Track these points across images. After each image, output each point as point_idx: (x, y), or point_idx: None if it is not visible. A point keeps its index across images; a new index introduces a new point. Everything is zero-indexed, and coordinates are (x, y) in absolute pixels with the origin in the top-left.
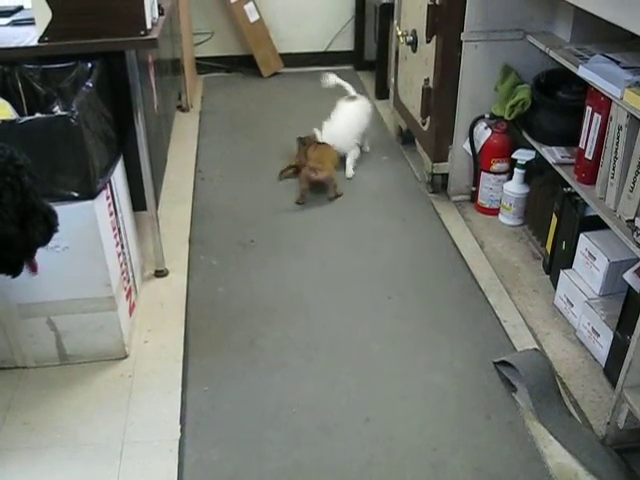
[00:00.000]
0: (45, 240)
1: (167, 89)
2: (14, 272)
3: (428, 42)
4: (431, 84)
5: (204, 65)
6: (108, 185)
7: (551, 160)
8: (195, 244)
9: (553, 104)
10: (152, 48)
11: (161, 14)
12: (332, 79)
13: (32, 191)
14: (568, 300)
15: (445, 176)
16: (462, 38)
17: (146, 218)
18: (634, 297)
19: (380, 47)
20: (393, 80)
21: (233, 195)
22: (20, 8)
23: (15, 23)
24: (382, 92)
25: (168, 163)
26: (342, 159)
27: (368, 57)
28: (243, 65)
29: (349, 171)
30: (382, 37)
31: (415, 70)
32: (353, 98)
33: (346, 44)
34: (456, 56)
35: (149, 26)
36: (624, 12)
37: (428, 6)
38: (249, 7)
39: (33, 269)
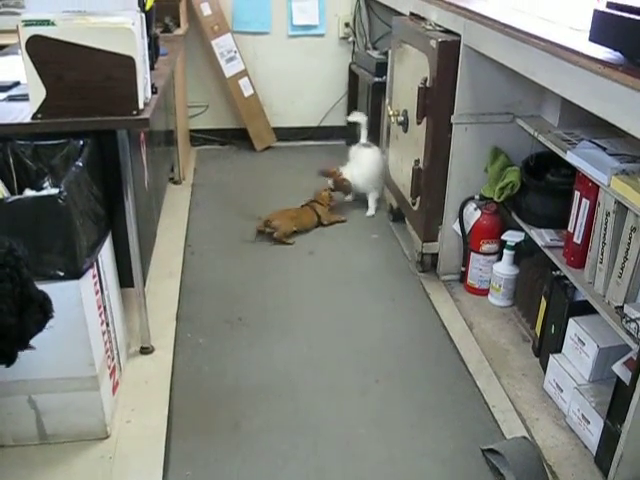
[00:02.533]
0: (39, 329)
1: (159, 162)
2: (8, 361)
3: (419, 124)
4: (421, 165)
5: (198, 137)
6: (95, 263)
7: (540, 243)
8: (182, 321)
9: (542, 187)
10: (144, 128)
11: (154, 92)
12: (357, 116)
13: (30, 282)
14: (557, 385)
15: (435, 256)
16: (452, 120)
17: (133, 294)
18: (623, 388)
19: (372, 124)
20: (384, 158)
21: (222, 270)
22: (17, 83)
23: (11, 98)
24: None
25: (158, 236)
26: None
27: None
28: (236, 138)
29: (371, 210)
30: (374, 114)
31: (406, 150)
32: (367, 145)
33: (339, 120)
34: (446, 138)
35: (141, 106)
36: (611, 106)
37: (419, 88)
38: (244, 82)
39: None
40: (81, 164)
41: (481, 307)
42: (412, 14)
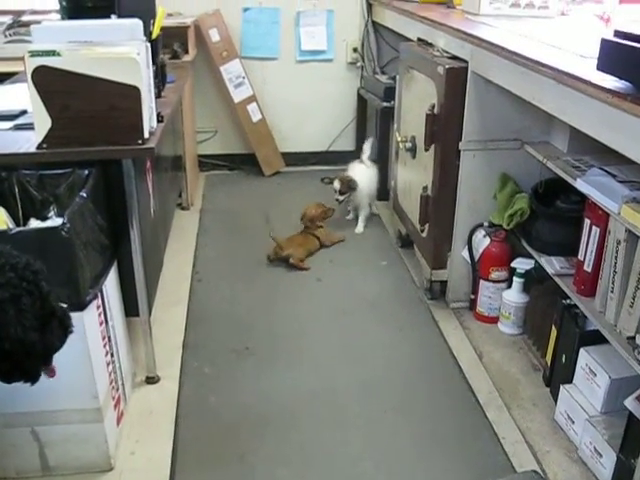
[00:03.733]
0: (62, 343)
1: (167, 188)
2: (32, 379)
3: (427, 150)
4: (430, 192)
5: (206, 163)
6: (99, 294)
7: (550, 271)
8: (189, 349)
9: (551, 214)
10: (149, 157)
11: (160, 121)
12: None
13: (50, 295)
14: (569, 416)
15: (444, 283)
16: (460, 147)
17: (139, 323)
18: (636, 423)
19: (380, 149)
20: (393, 183)
21: (230, 297)
22: (24, 112)
23: (17, 127)
24: (382, 193)
25: (165, 263)
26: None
27: (369, 157)
28: (245, 163)
29: (359, 228)
30: (382, 139)
31: (414, 176)
32: (364, 162)
33: (347, 144)
34: (454, 164)
35: (146, 135)
36: (620, 135)
37: (426, 115)
38: (252, 107)
39: (51, 373)
40: (85, 194)
41: (491, 335)
42: (420, 40)
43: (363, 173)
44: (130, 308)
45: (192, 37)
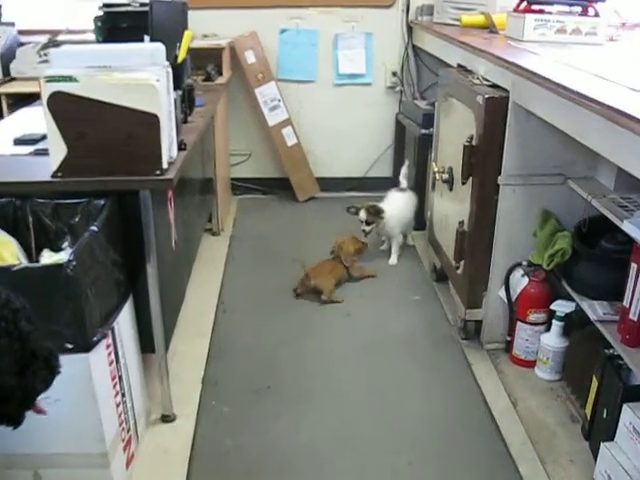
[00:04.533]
0: (47, 386)
1: (193, 215)
2: (15, 423)
3: (464, 184)
4: (466, 227)
5: (239, 186)
6: (110, 332)
7: (592, 317)
8: (208, 386)
9: (595, 255)
10: (167, 189)
11: (183, 149)
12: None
13: (31, 335)
14: (610, 478)
15: (479, 322)
16: (499, 181)
17: (155, 358)
18: None
19: (418, 177)
20: (429, 214)
21: (255, 331)
22: (45, 136)
23: (37, 152)
24: (419, 223)
25: (190, 292)
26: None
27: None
28: (279, 188)
29: (393, 259)
30: (420, 167)
31: (450, 209)
32: (403, 190)
33: (384, 171)
34: (493, 199)
35: (165, 165)
36: None
37: (464, 146)
38: (287, 131)
39: (39, 412)
40: (96, 228)
41: (527, 381)
42: (460, 66)
43: (396, 201)
44: (146, 344)
45: (227, 59)
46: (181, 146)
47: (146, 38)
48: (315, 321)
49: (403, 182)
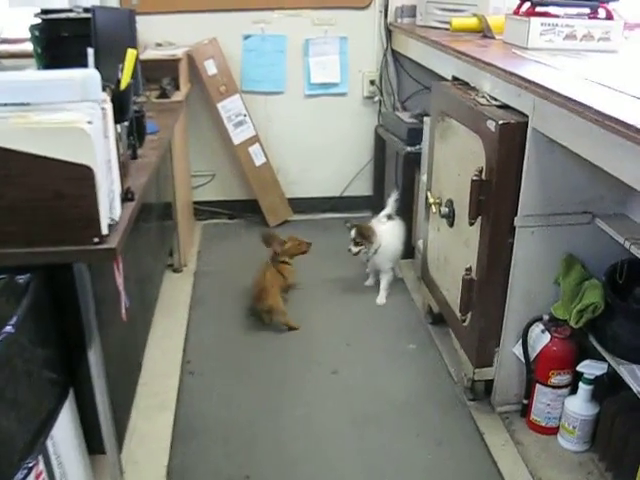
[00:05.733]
0: None
1: (150, 254)
2: None
3: (472, 224)
4: (474, 275)
5: (203, 210)
6: (42, 456)
7: (635, 387)
8: (174, 478)
9: (634, 310)
10: (108, 261)
11: (129, 199)
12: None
13: None
14: None
15: (489, 381)
16: (516, 223)
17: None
18: None
19: (403, 199)
20: (421, 244)
21: (227, 398)
22: None
23: None
24: (406, 250)
25: (151, 348)
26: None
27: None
28: (247, 211)
29: (381, 298)
30: (406, 189)
31: (452, 248)
32: (390, 217)
33: (364, 188)
34: (507, 243)
35: (105, 231)
36: None
37: (473, 182)
38: (254, 149)
39: None
40: (12, 328)
41: (550, 453)
42: (455, 78)
43: (389, 230)
44: (94, 445)
45: (184, 71)
46: (128, 196)
47: (89, 51)
48: (296, 381)
49: (389, 211)
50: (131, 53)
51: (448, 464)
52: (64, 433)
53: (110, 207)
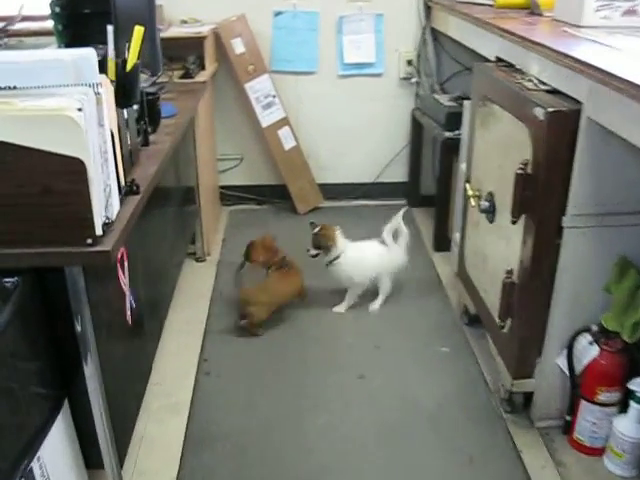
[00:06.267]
0: None
1: (166, 244)
2: None
3: (514, 223)
4: (516, 278)
5: (230, 195)
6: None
7: None
8: None
9: None
10: (102, 263)
11: (134, 192)
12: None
13: None
14: None
15: (528, 393)
16: (564, 223)
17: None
18: None
19: (441, 185)
20: (457, 237)
21: (245, 403)
22: None
23: None
24: (442, 242)
25: (168, 342)
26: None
27: (425, 191)
28: (276, 196)
29: (375, 305)
30: (444, 173)
31: (491, 245)
32: (383, 243)
33: (399, 175)
34: (554, 244)
35: (99, 231)
36: None
37: (517, 175)
38: (284, 132)
39: None
40: None
41: (595, 477)
42: (499, 59)
43: (366, 249)
44: (92, 460)
45: (210, 49)
46: (132, 188)
47: (108, 28)
48: (321, 386)
49: (387, 238)
50: (138, 30)
51: None
52: (56, 450)
53: (106, 204)
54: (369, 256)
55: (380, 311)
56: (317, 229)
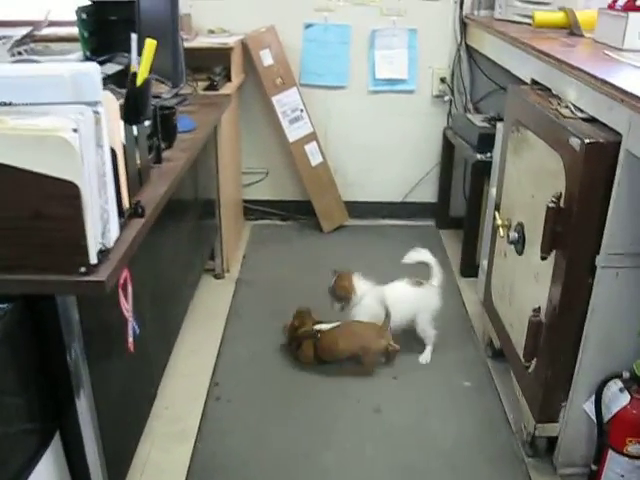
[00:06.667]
0: None
1: (180, 261)
2: None
3: (544, 259)
4: (543, 317)
5: (254, 210)
6: None
7: None
8: None
9: None
10: (96, 294)
11: (139, 215)
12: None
13: None
14: None
15: (552, 437)
16: (598, 262)
17: None
18: None
19: (471, 208)
20: (485, 265)
21: (256, 433)
22: None
23: None
24: (469, 267)
25: (178, 363)
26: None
27: (455, 212)
28: (300, 212)
29: (426, 356)
30: (474, 196)
31: (519, 280)
32: (419, 284)
33: (428, 195)
34: (586, 284)
35: (93, 259)
36: None
37: (549, 209)
38: (311, 147)
39: None
40: None
41: None
42: (535, 82)
43: (421, 296)
44: None
45: (238, 60)
46: (137, 211)
47: (132, 36)
48: (334, 419)
49: (435, 280)
50: (149, 44)
51: None
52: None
53: (103, 230)
54: (430, 301)
55: (401, 337)
56: (333, 280)
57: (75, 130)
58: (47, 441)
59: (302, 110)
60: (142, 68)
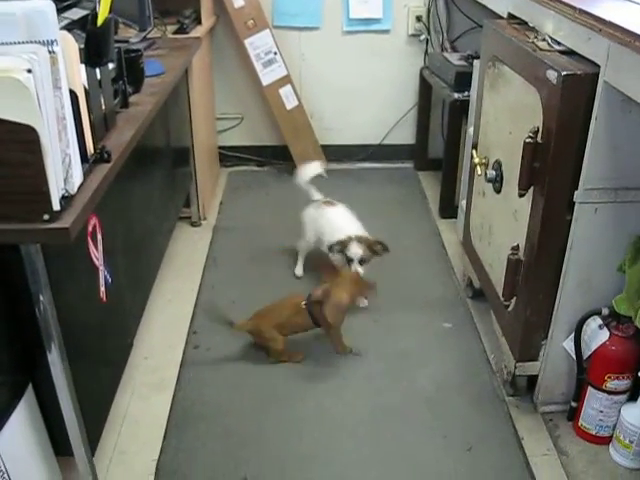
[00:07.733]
0: None
1: (153, 208)
2: None
3: (522, 195)
4: (522, 255)
5: (230, 156)
6: None
7: None
8: (163, 478)
9: None
10: (60, 241)
11: (105, 160)
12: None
13: None
14: None
15: (532, 376)
16: (576, 198)
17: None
18: None
19: (449, 149)
20: (464, 205)
21: (232, 382)
22: None
23: None
24: (448, 208)
25: (157, 312)
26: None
27: (433, 154)
28: (277, 157)
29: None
30: (452, 137)
31: (497, 218)
32: (330, 203)
33: (406, 137)
34: (564, 221)
35: (56, 206)
36: None
37: (525, 144)
38: (285, 91)
39: None
40: None
41: (600, 468)
42: (512, 16)
43: (343, 215)
44: (62, 446)
45: (207, 2)
46: (103, 156)
47: None
48: (312, 361)
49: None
50: None
51: (480, 473)
52: (15, 439)
53: (66, 176)
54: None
55: (379, 280)
56: (357, 244)
57: (29, 71)
58: (19, 394)
59: (275, 53)
60: (102, 7)
